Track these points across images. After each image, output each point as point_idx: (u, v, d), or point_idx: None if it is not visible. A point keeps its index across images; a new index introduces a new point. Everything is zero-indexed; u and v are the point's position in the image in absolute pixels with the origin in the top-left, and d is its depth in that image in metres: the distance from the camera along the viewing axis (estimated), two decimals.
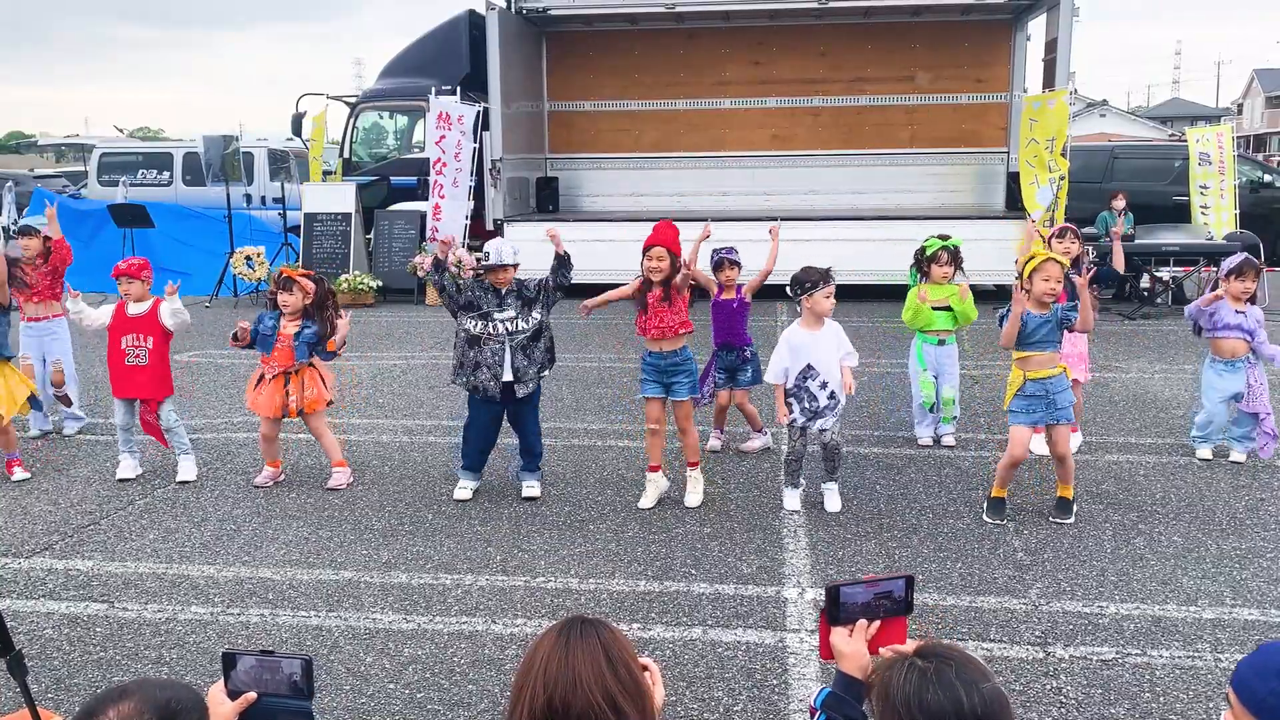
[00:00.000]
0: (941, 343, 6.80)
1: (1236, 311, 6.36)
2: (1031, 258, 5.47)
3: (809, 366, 5.58)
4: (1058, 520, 5.46)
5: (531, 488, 6.00)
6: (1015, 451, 5.46)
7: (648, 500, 5.83)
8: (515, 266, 5.81)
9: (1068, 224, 6.94)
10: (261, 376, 6.17)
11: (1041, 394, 5.36)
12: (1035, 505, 5.70)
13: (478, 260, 5.76)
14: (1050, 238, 6.80)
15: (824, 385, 5.59)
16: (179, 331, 6.49)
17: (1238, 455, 6.52)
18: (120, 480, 6.35)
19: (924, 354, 6.80)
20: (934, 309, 6.74)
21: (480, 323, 5.76)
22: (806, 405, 5.62)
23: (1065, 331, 5.47)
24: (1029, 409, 5.40)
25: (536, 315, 5.83)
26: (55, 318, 7.39)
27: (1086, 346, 6.79)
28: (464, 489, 6.00)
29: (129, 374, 6.31)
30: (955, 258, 6.74)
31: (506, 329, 5.76)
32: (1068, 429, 5.51)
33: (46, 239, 7.39)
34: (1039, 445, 6.28)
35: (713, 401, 6.82)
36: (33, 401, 6.74)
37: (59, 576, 4.94)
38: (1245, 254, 6.67)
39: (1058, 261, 5.38)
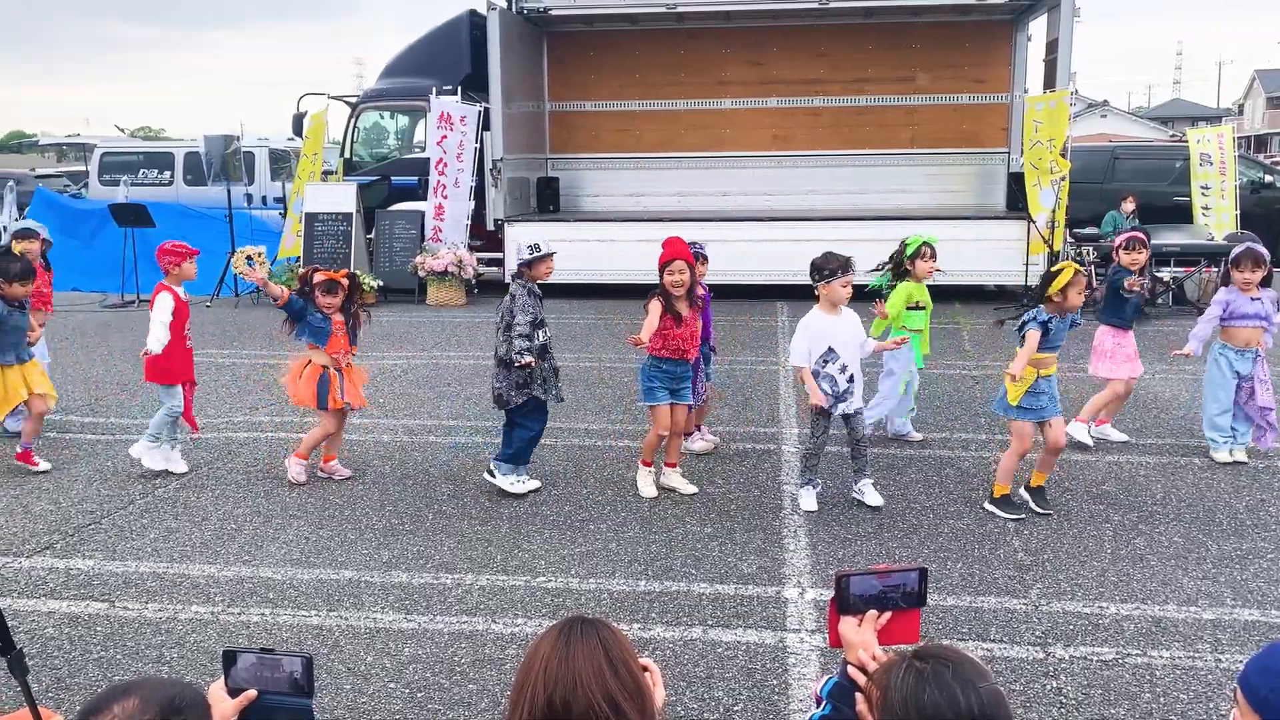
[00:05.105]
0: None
1: (1252, 299, 6.34)
2: (1060, 271, 5.50)
3: (830, 350, 5.59)
4: (1042, 511, 5.57)
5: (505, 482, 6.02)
6: (1024, 445, 5.61)
7: (652, 489, 5.95)
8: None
9: (1135, 233, 7.03)
10: (315, 366, 6.18)
11: (1048, 391, 5.56)
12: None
13: (530, 251, 5.83)
14: (1118, 247, 6.95)
15: (844, 369, 5.60)
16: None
17: (1240, 454, 6.53)
18: (177, 474, 6.40)
19: (917, 351, 6.87)
20: (912, 308, 6.82)
21: (542, 331, 5.87)
22: (828, 390, 5.62)
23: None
24: (1038, 404, 5.55)
25: None
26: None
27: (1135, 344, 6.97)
28: (530, 482, 6.05)
29: (189, 357, 6.51)
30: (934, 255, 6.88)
31: (549, 332, 5.95)
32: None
33: (45, 242, 7.34)
34: (1079, 431, 6.75)
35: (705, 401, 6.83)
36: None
37: (60, 575, 4.95)
38: (1246, 244, 6.63)
39: (1082, 273, 5.47)
